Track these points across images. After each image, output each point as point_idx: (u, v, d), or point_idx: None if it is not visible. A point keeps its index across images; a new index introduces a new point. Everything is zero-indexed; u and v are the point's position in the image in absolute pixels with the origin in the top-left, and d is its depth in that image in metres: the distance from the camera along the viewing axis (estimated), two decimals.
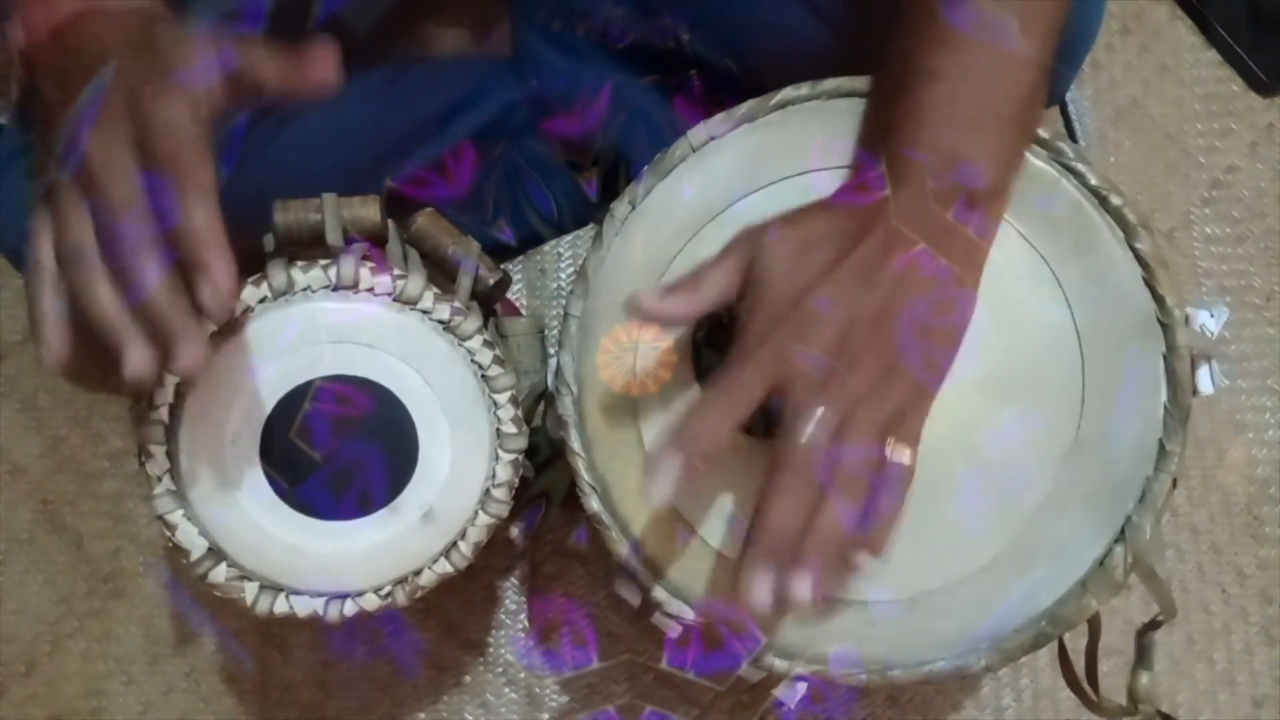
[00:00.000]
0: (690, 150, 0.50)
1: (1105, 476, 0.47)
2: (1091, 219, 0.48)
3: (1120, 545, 0.46)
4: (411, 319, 0.48)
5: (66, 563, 0.85)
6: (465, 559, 0.49)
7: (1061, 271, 0.47)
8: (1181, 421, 0.46)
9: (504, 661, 0.82)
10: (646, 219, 0.50)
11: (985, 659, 0.47)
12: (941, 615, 0.46)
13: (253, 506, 0.48)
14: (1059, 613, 0.46)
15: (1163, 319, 0.47)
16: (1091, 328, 0.47)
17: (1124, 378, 0.47)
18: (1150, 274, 0.47)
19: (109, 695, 0.83)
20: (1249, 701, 0.81)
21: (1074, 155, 0.48)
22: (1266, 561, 0.82)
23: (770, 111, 0.50)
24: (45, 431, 0.86)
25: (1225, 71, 0.88)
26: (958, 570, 0.47)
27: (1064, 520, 0.46)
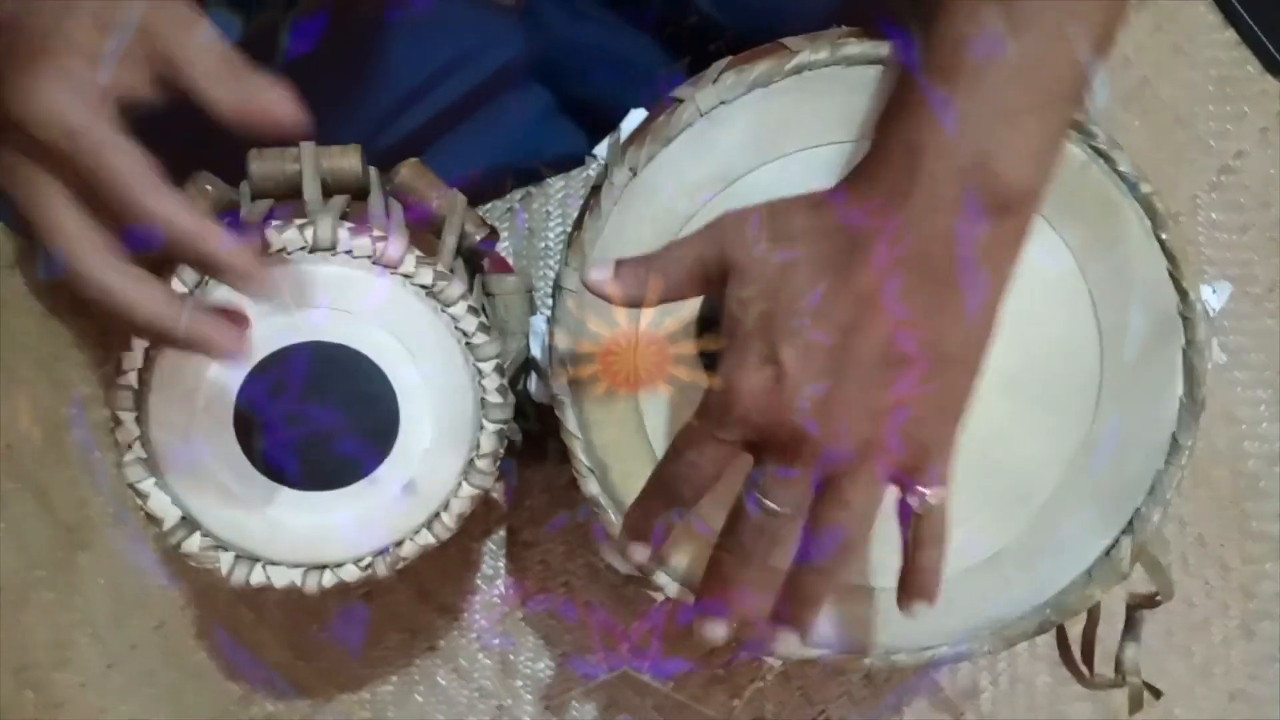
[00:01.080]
0: (698, 115, 0.46)
1: (1116, 471, 0.46)
2: (1120, 206, 0.46)
3: (1127, 537, 0.46)
4: (392, 283, 0.46)
5: (31, 512, 0.82)
6: (448, 530, 0.47)
7: (1085, 263, 0.46)
8: (1196, 416, 0.45)
9: (478, 626, 0.81)
10: (648, 188, 0.46)
11: (988, 645, 0.47)
12: (946, 604, 0.45)
13: (226, 476, 0.46)
14: (1063, 602, 0.46)
15: (1184, 312, 0.45)
16: (1112, 321, 0.46)
17: (1142, 373, 0.46)
18: (1175, 266, 0.45)
19: (74, 647, 0.81)
20: (1224, 695, 0.81)
21: (1105, 139, 0.46)
22: (1251, 556, 0.82)
23: (786, 76, 0.46)
24: (11, 378, 0.83)
25: (1241, 53, 0.85)
26: (963, 562, 0.46)
27: (1073, 515, 0.46)
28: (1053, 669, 0.80)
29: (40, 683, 0.81)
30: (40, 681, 0.81)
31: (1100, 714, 0.80)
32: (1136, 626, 0.52)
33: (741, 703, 0.80)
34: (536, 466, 0.79)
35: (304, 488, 0.46)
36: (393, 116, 0.63)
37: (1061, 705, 0.80)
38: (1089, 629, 0.54)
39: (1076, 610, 0.46)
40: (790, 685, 0.80)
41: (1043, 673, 0.81)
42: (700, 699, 0.80)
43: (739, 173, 0.46)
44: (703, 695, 0.80)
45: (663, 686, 0.80)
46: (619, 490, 0.47)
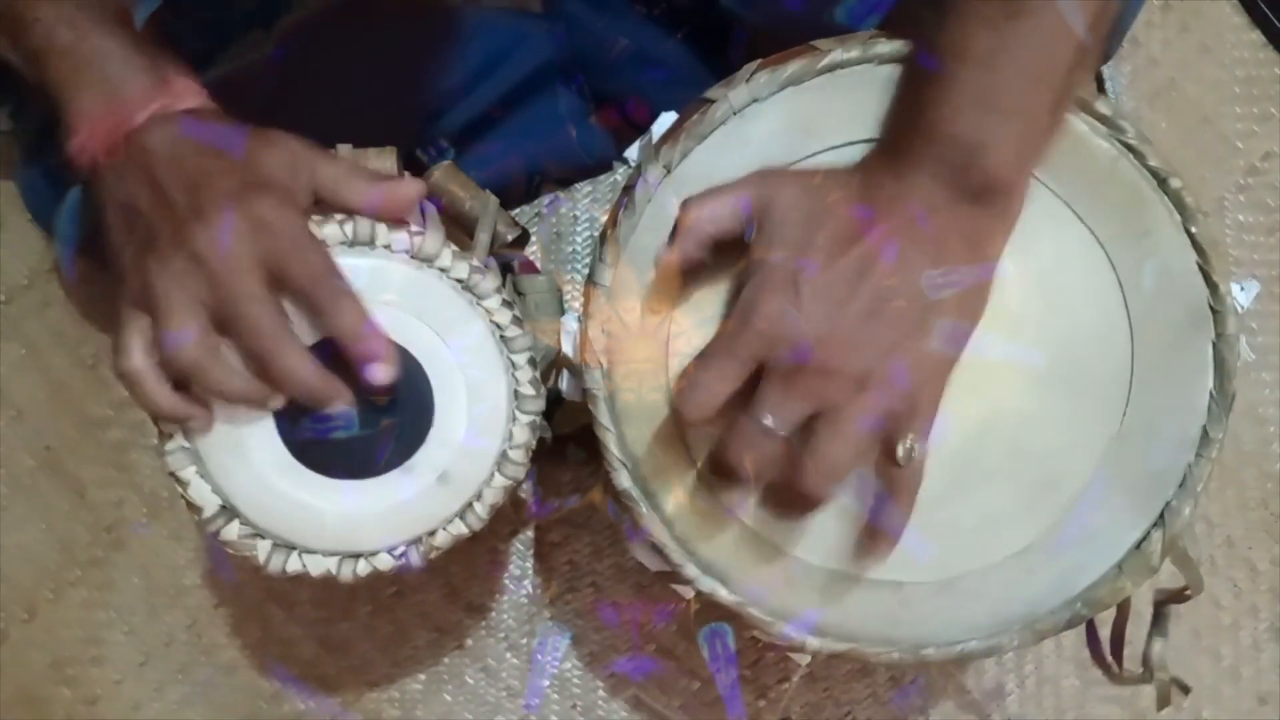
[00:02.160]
0: (731, 113, 0.47)
1: (1147, 464, 0.46)
2: (1149, 201, 0.46)
3: (1158, 530, 0.46)
4: (429, 276, 0.47)
5: (68, 510, 0.84)
6: (481, 521, 0.48)
7: (1116, 255, 0.46)
8: (1226, 409, 0.46)
9: (506, 626, 0.82)
10: (682, 185, 0.47)
11: (1018, 639, 0.46)
12: (976, 597, 0.46)
13: (266, 464, 0.47)
14: (1093, 595, 0.46)
15: (1215, 305, 0.46)
16: (1143, 314, 0.46)
17: (1172, 365, 0.46)
18: (1205, 259, 0.46)
19: (109, 644, 0.83)
20: (1253, 698, 0.81)
21: (1134, 134, 0.46)
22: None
23: (818, 75, 0.47)
24: (50, 376, 0.85)
25: (1267, 54, 0.85)
26: (994, 554, 0.46)
27: (1104, 507, 0.46)
28: (1080, 670, 0.80)
29: (76, 679, 0.82)
30: (76, 678, 0.82)
31: (1127, 715, 0.80)
32: (1164, 622, 0.52)
33: (767, 703, 0.80)
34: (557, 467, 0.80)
35: (341, 477, 0.47)
36: (427, 120, 0.64)
37: (1089, 706, 0.80)
38: (1119, 623, 0.53)
39: (1107, 604, 0.46)
40: (816, 686, 0.80)
41: (1069, 674, 0.80)
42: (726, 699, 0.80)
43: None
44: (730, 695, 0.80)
45: (689, 687, 0.80)
46: (650, 483, 0.47)
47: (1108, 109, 0.46)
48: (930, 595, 0.46)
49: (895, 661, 0.47)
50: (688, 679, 0.80)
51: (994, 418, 0.45)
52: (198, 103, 0.47)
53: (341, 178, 0.46)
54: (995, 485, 0.46)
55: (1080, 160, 0.46)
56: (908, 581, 0.46)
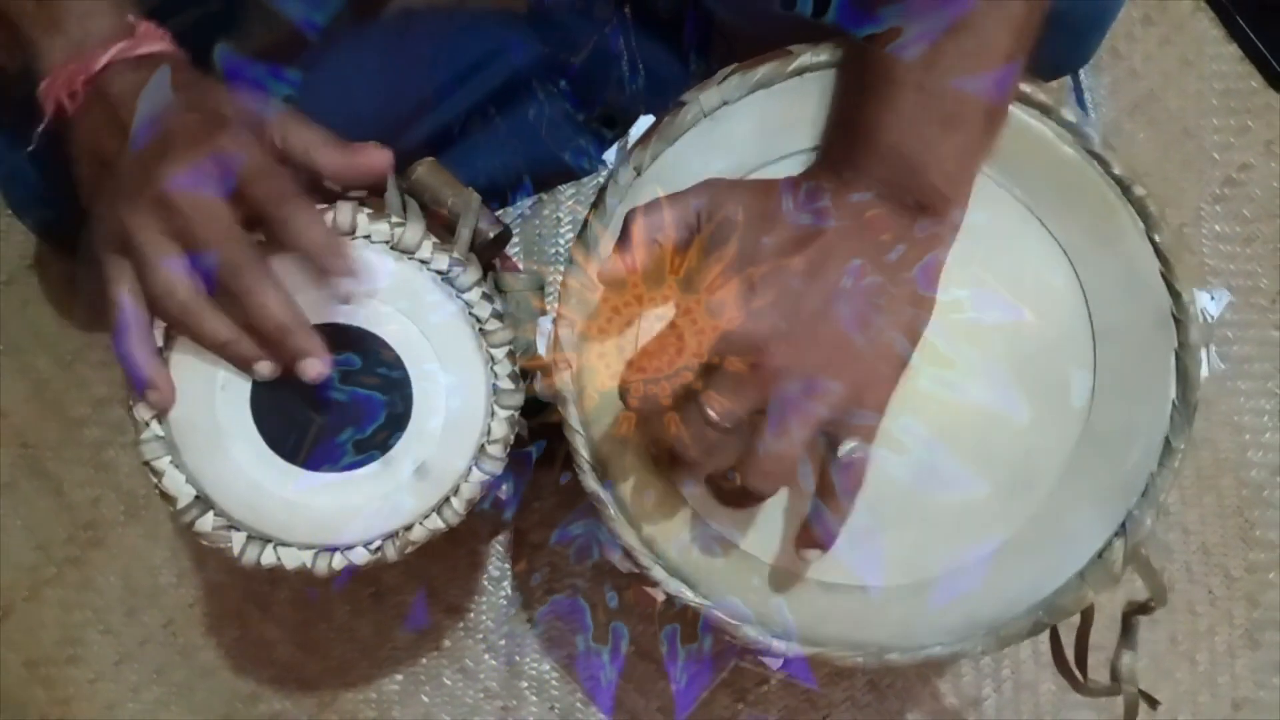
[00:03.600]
0: (702, 115, 0.48)
1: (1111, 471, 0.46)
2: (1114, 208, 0.47)
3: (1120, 539, 0.46)
4: (409, 268, 0.47)
5: (46, 509, 0.83)
6: (458, 516, 0.48)
7: (1080, 262, 0.46)
8: (1188, 419, 0.46)
9: (484, 628, 0.81)
10: (652, 187, 0.47)
11: (982, 644, 0.46)
12: (940, 602, 0.46)
13: (242, 455, 0.47)
14: (1057, 602, 0.46)
15: (1177, 314, 0.46)
16: (1106, 321, 0.46)
17: (1137, 374, 0.46)
18: (1168, 268, 0.46)
19: (85, 644, 0.82)
20: (1229, 704, 0.81)
21: (1100, 143, 0.47)
22: (1255, 565, 0.82)
23: (788, 78, 0.48)
24: (29, 375, 0.84)
25: (1246, 68, 0.87)
26: (960, 558, 0.46)
27: (1067, 514, 0.46)
28: (1057, 676, 0.80)
29: (51, 678, 0.82)
30: (51, 677, 0.82)
31: None
32: (1133, 634, 0.52)
33: (746, 706, 0.80)
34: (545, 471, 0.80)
35: (317, 469, 0.47)
36: (410, 117, 0.64)
37: (1065, 712, 0.80)
38: (1082, 632, 0.54)
39: (1069, 611, 0.46)
40: (795, 690, 0.80)
41: (1047, 680, 0.81)
42: (705, 702, 0.80)
43: (743, 171, 0.47)
44: (708, 698, 0.80)
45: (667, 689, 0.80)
46: (619, 485, 0.48)
47: (1073, 116, 0.47)
48: (895, 600, 0.46)
49: (860, 666, 0.47)
50: (666, 682, 0.80)
51: (960, 422, 0.46)
52: (160, 47, 0.47)
53: (311, 140, 0.46)
54: (961, 491, 0.46)
55: (1045, 167, 0.47)
56: (873, 586, 0.46)
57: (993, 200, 0.47)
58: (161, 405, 0.46)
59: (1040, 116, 0.47)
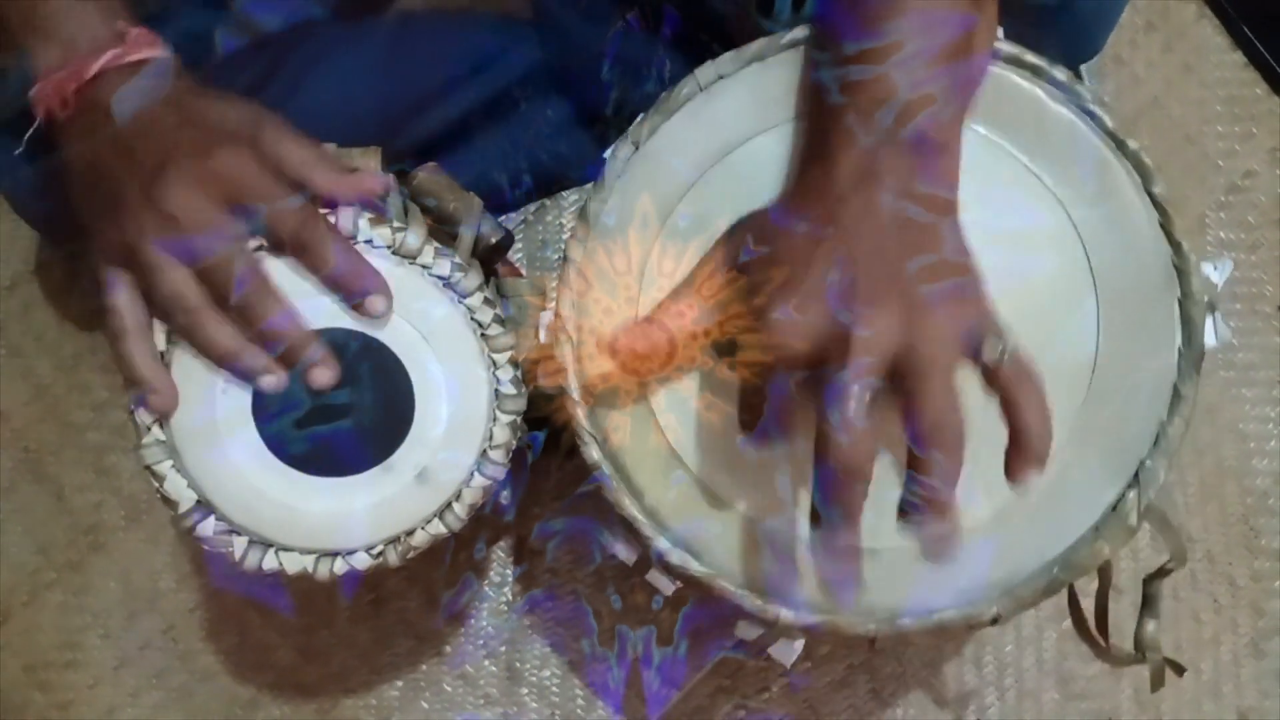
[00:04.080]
0: (698, 89, 0.48)
1: (1120, 423, 0.46)
2: (1109, 163, 0.47)
3: (1133, 491, 0.46)
4: (411, 273, 0.47)
5: (47, 513, 0.83)
6: (460, 520, 0.48)
7: (1079, 216, 0.47)
8: (1195, 365, 0.46)
9: (485, 634, 0.81)
10: (650, 161, 0.48)
11: (997, 606, 0.46)
12: (952, 563, 0.45)
13: (243, 460, 0.47)
14: (1071, 559, 0.46)
15: (1178, 264, 0.46)
16: (1107, 273, 0.46)
17: (1140, 325, 0.46)
18: (1166, 219, 0.46)
19: (84, 648, 0.82)
20: (1233, 712, 0.81)
21: (1091, 98, 0.47)
22: (1260, 573, 0.82)
23: (781, 50, 0.48)
24: (31, 379, 0.84)
25: (1249, 74, 0.86)
26: (970, 518, 0.45)
27: (1078, 467, 0.46)
28: (1060, 684, 0.80)
29: (50, 683, 0.82)
30: (50, 681, 0.82)
31: None
32: (1154, 602, 0.51)
33: (747, 713, 0.80)
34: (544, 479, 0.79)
35: (319, 474, 0.47)
36: (410, 119, 0.64)
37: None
38: (1102, 593, 0.52)
39: (1086, 567, 0.46)
40: (796, 697, 0.80)
41: (1050, 688, 0.80)
42: (706, 709, 0.80)
43: (738, 141, 0.48)
44: (709, 705, 0.80)
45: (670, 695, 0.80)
46: (620, 457, 0.47)
47: (1064, 75, 0.47)
48: (907, 562, 0.46)
49: (871, 633, 0.46)
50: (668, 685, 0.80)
51: (964, 380, 0.45)
52: (153, 53, 0.46)
53: (307, 158, 0.46)
54: (970, 447, 0.46)
55: (1040, 126, 0.47)
56: (883, 548, 0.46)
57: (989, 157, 0.47)
58: (163, 409, 0.46)
59: (1032, 78, 0.47)
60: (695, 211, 0.48)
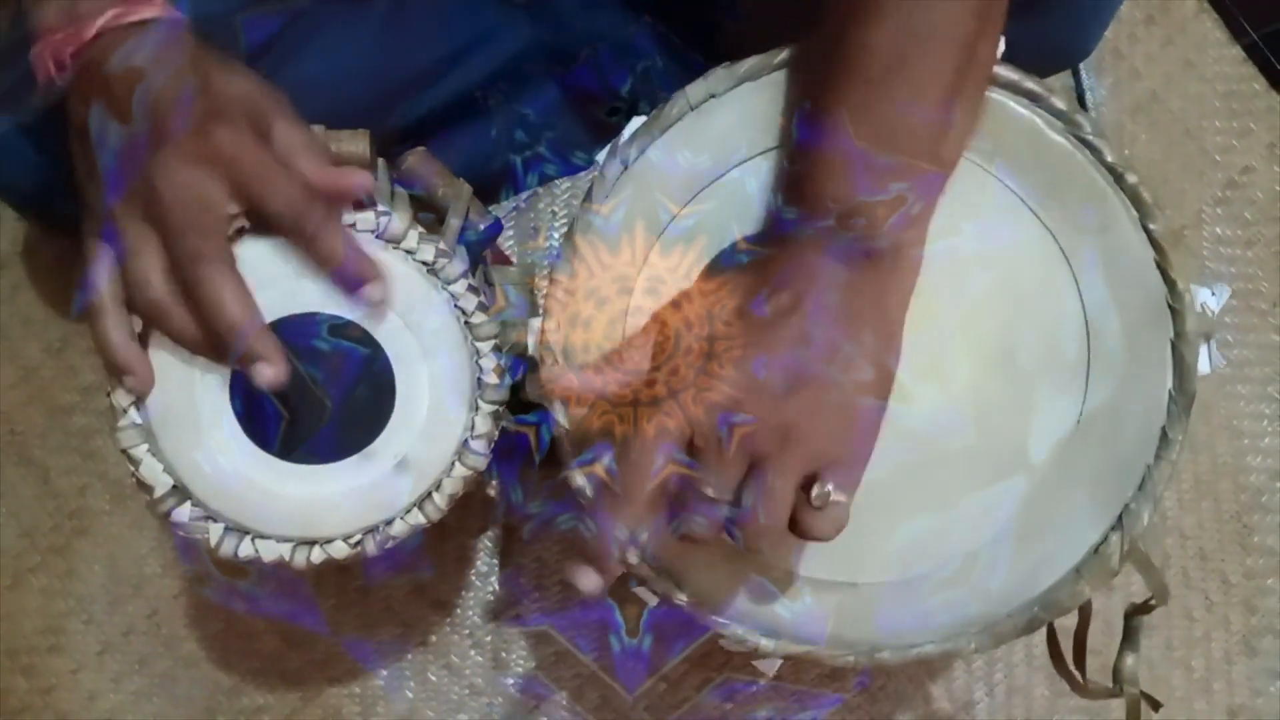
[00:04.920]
0: (688, 108, 0.47)
1: (1106, 462, 0.45)
2: (1106, 196, 0.46)
3: (1117, 532, 0.45)
4: (394, 258, 0.46)
5: (32, 496, 0.83)
6: (439, 511, 0.47)
7: (1071, 249, 0.46)
8: (1186, 409, 0.45)
9: (471, 623, 0.81)
10: (640, 180, 0.47)
11: (975, 642, 0.46)
12: (933, 598, 0.45)
13: (220, 445, 0.46)
14: (1052, 598, 0.45)
15: (1173, 303, 0.45)
16: (1099, 309, 0.46)
17: (1131, 363, 0.45)
18: (1163, 257, 0.45)
19: (68, 633, 0.81)
20: (1224, 711, 0.80)
21: (1091, 129, 0.46)
22: (1253, 571, 0.81)
23: (774, 70, 0.47)
24: (17, 361, 0.84)
25: (1248, 69, 0.86)
26: (952, 552, 0.45)
27: (1062, 505, 0.45)
28: (1050, 680, 0.80)
29: (32, 667, 0.81)
30: (33, 666, 0.81)
31: None
32: (1135, 636, 0.51)
33: (735, 707, 0.79)
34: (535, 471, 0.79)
35: (297, 461, 0.46)
36: (401, 99, 0.63)
37: (1059, 717, 0.80)
38: (1080, 630, 0.53)
39: (1066, 608, 0.46)
40: (785, 693, 0.79)
41: (1040, 684, 0.80)
42: (694, 703, 0.79)
43: (728, 165, 0.47)
44: (696, 697, 0.79)
45: (656, 688, 0.79)
46: None
47: (1064, 104, 0.46)
48: (887, 596, 0.45)
49: (851, 665, 0.46)
50: (655, 681, 0.79)
51: (950, 410, 0.45)
52: (156, 12, 0.45)
53: (298, 143, 0.44)
54: (954, 480, 0.45)
55: (1036, 155, 0.46)
56: (863, 582, 0.46)
57: (981, 188, 0.46)
58: (138, 390, 0.45)
59: (1030, 105, 0.46)
60: (683, 233, 0.47)
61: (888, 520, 0.45)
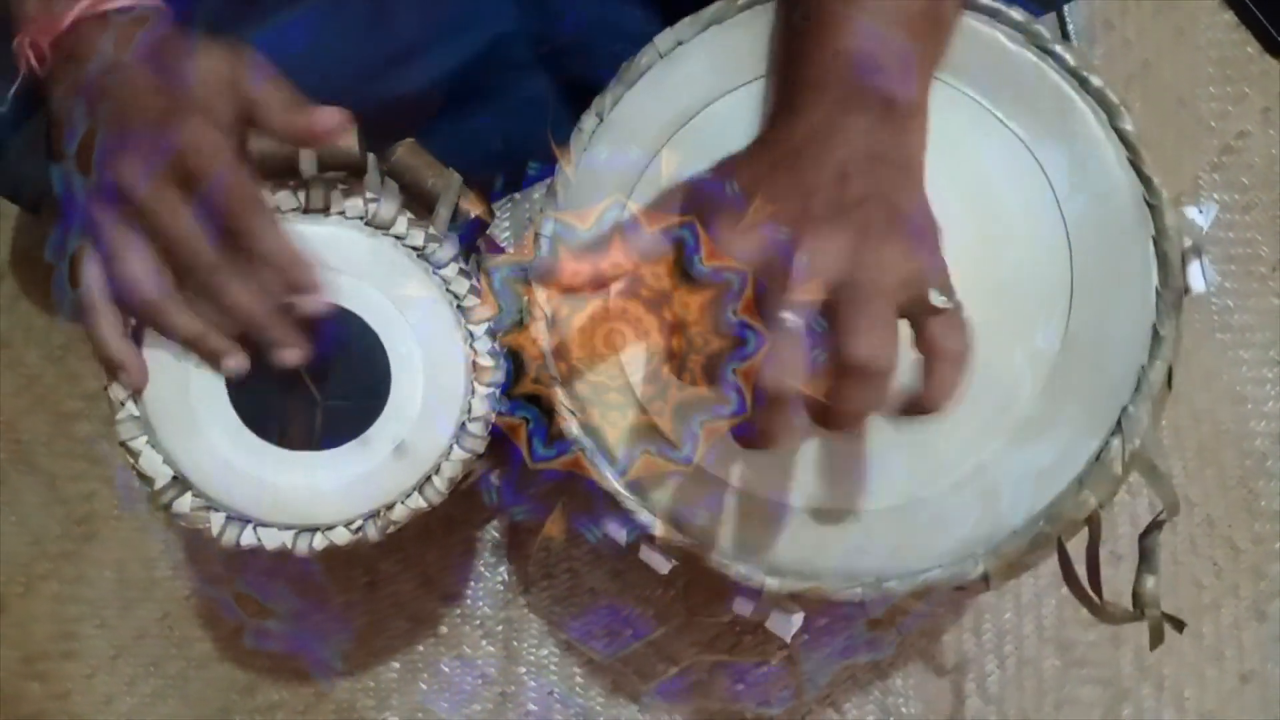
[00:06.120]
0: (658, 57, 0.49)
1: (1099, 369, 0.45)
2: (1073, 102, 0.46)
3: (1117, 438, 0.45)
4: (384, 244, 0.46)
5: (40, 504, 0.83)
6: (440, 495, 0.47)
7: (1045, 158, 0.46)
8: (1174, 305, 0.45)
9: (481, 613, 0.81)
10: (616, 130, 0.49)
11: (983, 563, 0.45)
12: (937, 521, 0.45)
13: (219, 435, 0.46)
14: (1057, 511, 0.45)
15: (1150, 200, 0.45)
16: (1078, 214, 0.46)
17: (1114, 266, 0.45)
18: (1135, 155, 0.46)
19: (81, 638, 0.82)
20: (1236, 677, 0.80)
21: (1051, 37, 0.47)
22: (1261, 536, 0.81)
23: (738, 12, 0.48)
24: (19, 370, 0.84)
25: (1241, 35, 0.85)
26: (952, 474, 0.45)
27: (1059, 417, 0.45)
28: (1060, 651, 0.80)
29: (47, 673, 0.81)
30: (47, 672, 0.81)
31: (1108, 695, 0.79)
32: (1151, 556, 0.49)
33: (747, 687, 0.79)
34: None
35: (296, 448, 0.46)
36: (385, 76, 0.62)
37: (1070, 688, 0.80)
38: (1092, 548, 0.51)
39: (1073, 520, 0.45)
40: (796, 669, 0.79)
41: (1050, 655, 0.80)
42: (706, 683, 0.79)
43: (700, 105, 0.48)
44: (708, 680, 0.79)
45: (666, 671, 0.79)
46: (601, 431, 0.47)
47: (1021, 16, 0.47)
48: (890, 522, 0.45)
49: (858, 598, 0.45)
50: (665, 665, 0.79)
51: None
52: (132, 0, 0.45)
53: (268, 99, 0.44)
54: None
55: (1001, 69, 0.47)
56: (868, 509, 0.45)
57: (951, 104, 0.46)
58: (134, 385, 0.45)
59: (990, 21, 0.47)
60: (664, 177, 0.48)
61: (884, 446, 0.45)
